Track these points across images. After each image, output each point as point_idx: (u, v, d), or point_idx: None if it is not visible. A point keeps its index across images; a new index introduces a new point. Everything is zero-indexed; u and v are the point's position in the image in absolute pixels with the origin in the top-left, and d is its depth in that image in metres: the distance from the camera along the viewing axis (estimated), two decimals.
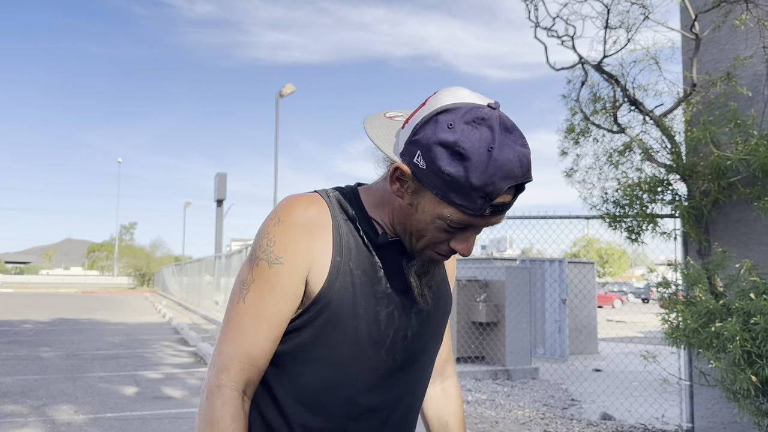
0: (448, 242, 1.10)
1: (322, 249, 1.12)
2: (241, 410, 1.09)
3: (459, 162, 1.01)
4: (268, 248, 1.11)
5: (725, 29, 5.71)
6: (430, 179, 1.04)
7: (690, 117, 5.76)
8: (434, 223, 1.07)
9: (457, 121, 1.02)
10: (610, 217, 5.97)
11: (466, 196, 1.02)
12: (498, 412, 6.48)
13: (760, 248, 5.33)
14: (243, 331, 1.11)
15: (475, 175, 1.00)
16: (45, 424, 5.74)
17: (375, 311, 1.14)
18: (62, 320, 17.79)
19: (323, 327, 1.12)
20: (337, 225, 1.14)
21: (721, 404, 5.42)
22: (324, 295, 1.11)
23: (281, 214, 1.12)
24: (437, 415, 1.41)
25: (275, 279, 1.10)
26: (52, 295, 38.20)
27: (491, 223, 1.07)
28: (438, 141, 1.02)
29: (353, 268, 1.13)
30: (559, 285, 12.21)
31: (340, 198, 1.19)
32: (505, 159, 1.00)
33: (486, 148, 1.00)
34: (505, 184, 1.01)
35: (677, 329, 4.51)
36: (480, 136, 1.01)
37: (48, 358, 10.02)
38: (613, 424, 6.11)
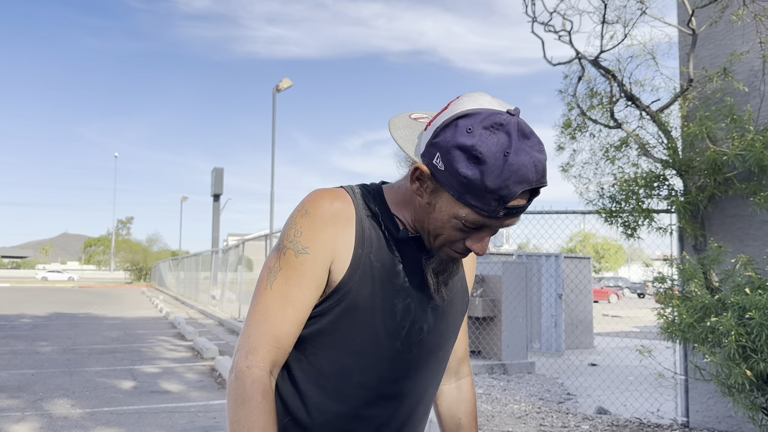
0: (463, 241, 1.15)
1: (346, 241, 1.17)
2: (270, 388, 1.15)
3: (475, 165, 1.05)
4: (295, 238, 1.16)
5: (722, 24, 5.71)
6: (448, 180, 1.09)
7: (686, 112, 5.77)
8: (450, 223, 1.12)
9: (476, 125, 1.07)
10: (606, 212, 5.98)
11: (480, 198, 1.06)
12: (494, 406, 6.50)
13: (755, 243, 5.35)
14: (270, 316, 1.16)
15: (491, 178, 1.04)
16: (42, 419, 5.74)
17: (392, 303, 1.19)
18: (59, 315, 17.78)
19: (342, 315, 1.17)
20: (360, 219, 1.20)
21: (716, 398, 5.45)
22: (345, 284, 1.16)
23: (308, 207, 1.18)
24: (450, 413, 1.46)
25: (301, 267, 1.16)
26: (48, 289, 38.15)
27: (505, 225, 1.12)
28: (456, 144, 1.07)
29: (373, 261, 1.19)
30: (555, 280, 12.23)
31: (364, 194, 1.24)
32: (521, 164, 1.04)
33: (502, 153, 1.04)
34: (519, 189, 1.05)
35: (673, 324, 4.53)
36: (497, 141, 1.05)
37: (45, 352, 10.01)
38: (608, 418, 6.13)
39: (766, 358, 3.81)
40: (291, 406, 1.20)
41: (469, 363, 1.51)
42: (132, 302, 25.67)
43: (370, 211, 1.22)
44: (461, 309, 1.34)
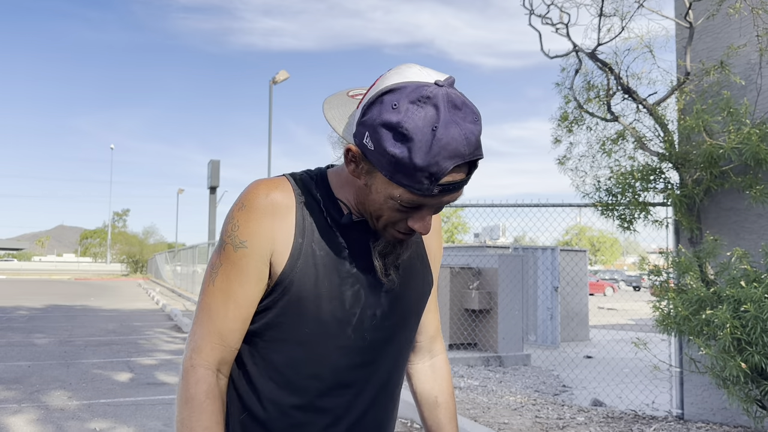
0: (405, 221, 1.11)
1: (285, 231, 1.15)
2: (215, 387, 1.14)
3: (402, 143, 1.00)
4: (233, 233, 1.14)
5: (719, 18, 5.71)
6: (378, 160, 1.04)
7: (683, 105, 5.77)
8: (387, 204, 1.08)
9: (401, 100, 1.01)
10: (602, 205, 5.99)
11: (411, 176, 1.01)
12: (490, 398, 6.53)
13: (751, 236, 5.37)
14: (213, 313, 1.15)
15: (419, 155, 0.99)
16: (38, 410, 5.75)
17: (340, 291, 1.16)
18: (55, 307, 17.76)
19: (287, 307, 1.15)
20: (300, 207, 1.17)
21: (711, 391, 5.48)
22: (286, 276, 1.14)
23: (245, 200, 1.15)
24: (426, 392, 1.43)
25: (240, 262, 1.13)
26: (45, 281, 38.10)
27: (445, 203, 1.07)
28: (382, 122, 1.02)
29: (316, 249, 1.15)
30: (551, 273, 12.26)
31: (306, 180, 1.21)
32: (450, 138, 0.99)
33: (430, 128, 0.99)
34: (450, 164, 1.00)
35: (668, 316, 4.55)
36: (424, 116, 0.99)
37: (41, 344, 10.01)
38: (603, 410, 6.16)
39: (760, 351, 3.83)
40: (247, 402, 1.19)
41: (442, 340, 1.48)
42: (128, 294, 25.66)
43: (312, 198, 1.19)
44: (423, 290, 1.30)
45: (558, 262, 12.27)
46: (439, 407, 1.42)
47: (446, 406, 1.43)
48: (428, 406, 1.43)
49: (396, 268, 1.21)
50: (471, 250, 12.75)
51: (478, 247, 13.21)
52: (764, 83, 5.37)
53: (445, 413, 1.42)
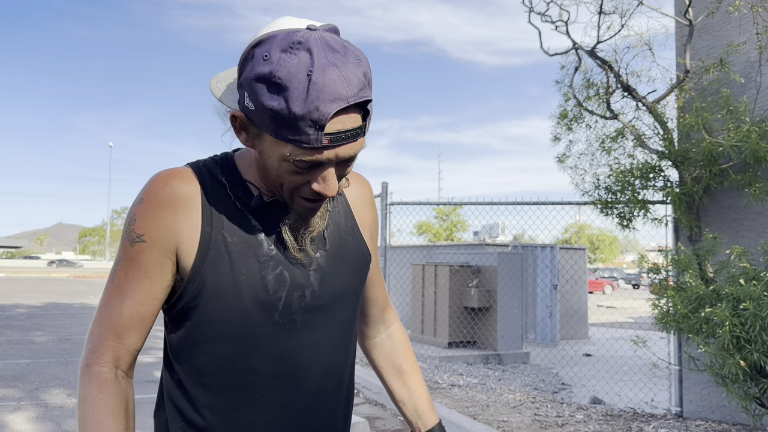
0: (309, 184, 1.03)
1: (190, 223, 1.08)
2: (110, 382, 1.07)
3: (278, 94, 0.93)
4: (130, 227, 1.08)
5: (719, 15, 5.70)
6: (260, 119, 0.97)
7: (683, 103, 5.77)
8: (282, 167, 1.01)
9: (272, 50, 0.95)
10: (601, 203, 5.99)
11: (294, 128, 0.94)
12: (489, 395, 6.53)
13: (750, 234, 5.37)
14: (110, 311, 1.09)
15: (297, 103, 0.92)
16: (38, 408, 5.75)
17: (260, 276, 1.08)
18: (54, 304, 17.76)
19: (205, 303, 1.08)
20: (206, 196, 1.10)
21: (710, 388, 5.48)
22: (197, 269, 1.07)
23: (143, 193, 1.09)
24: (390, 362, 1.40)
25: (138, 257, 1.07)
26: (43, 279, 38.08)
27: (344, 157, 1.00)
28: (255, 76, 0.95)
29: (226, 237, 1.08)
30: (550, 271, 12.27)
31: (211, 166, 1.14)
32: (328, 80, 0.93)
33: (305, 73, 0.93)
34: (332, 107, 0.93)
35: (667, 314, 4.55)
36: (298, 62, 0.93)
37: (40, 342, 10.01)
38: (602, 408, 6.17)
39: (759, 349, 3.83)
40: (184, 411, 1.12)
41: (392, 308, 1.45)
42: None
43: (218, 184, 1.11)
44: (358, 264, 1.22)
45: (557, 260, 12.28)
46: (405, 374, 1.39)
47: (413, 372, 1.39)
48: (395, 375, 1.39)
49: (313, 241, 1.13)
50: (470, 248, 12.76)
51: (478, 245, 13.21)
52: (764, 81, 5.37)
53: (413, 378, 1.39)
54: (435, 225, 43.20)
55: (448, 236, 42.41)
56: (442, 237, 42.11)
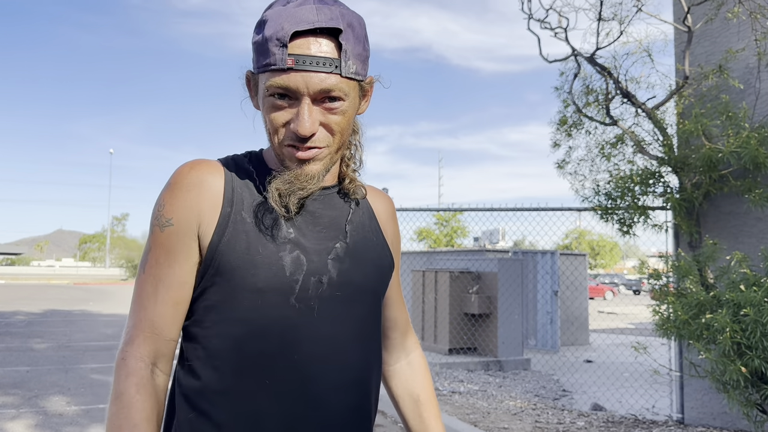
0: (288, 126, 1.04)
1: (213, 204, 1.09)
2: (147, 382, 1.05)
3: (261, 27, 1.03)
4: (159, 213, 1.09)
5: (718, 22, 5.72)
6: (253, 59, 1.06)
7: (682, 109, 5.78)
8: (266, 102, 1.05)
9: (275, 4, 1.05)
10: (601, 209, 5.99)
11: (266, 52, 1.01)
12: (490, 402, 6.52)
13: (750, 240, 5.37)
14: (144, 301, 1.08)
15: (269, 28, 1.00)
16: (37, 416, 5.73)
17: (277, 257, 1.07)
18: (54, 311, 17.74)
19: (221, 281, 1.07)
20: (230, 180, 1.11)
21: (711, 395, 5.47)
22: (214, 246, 1.07)
23: (170, 179, 1.11)
24: (407, 391, 1.35)
25: (167, 242, 1.08)
26: (43, 286, 38.06)
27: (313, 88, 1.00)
28: (255, 25, 1.06)
29: (245, 217, 1.09)
30: (551, 277, 12.26)
31: (238, 158, 1.17)
32: (299, 9, 1.01)
33: (281, 7, 1.02)
34: (295, 26, 0.99)
35: (668, 321, 4.54)
36: (285, 5, 1.03)
37: (40, 349, 9.99)
38: (603, 414, 6.15)
39: (760, 355, 3.82)
40: (194, 400, 1.08)
41: (414, 335, 1.41)
42: (127, 299, 25.62)
43: (244, 172, 1.14)
44: (381, 264, 1.21)
45: (558, 266, 12.27)
46: (422, 405, 1.34)
47: (429, 403, 1.34)
48: (410, 406, 1.34)
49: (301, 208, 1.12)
50: (470, 254, 12.75)
51: (478, 251, 13.21)
52: (763, 87, 5.38)
53: (429, 411, 1.34)
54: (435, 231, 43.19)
55: (449, 242, 42.40)
56: (442, 243, 42.09)
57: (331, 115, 1.04)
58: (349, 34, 1.03)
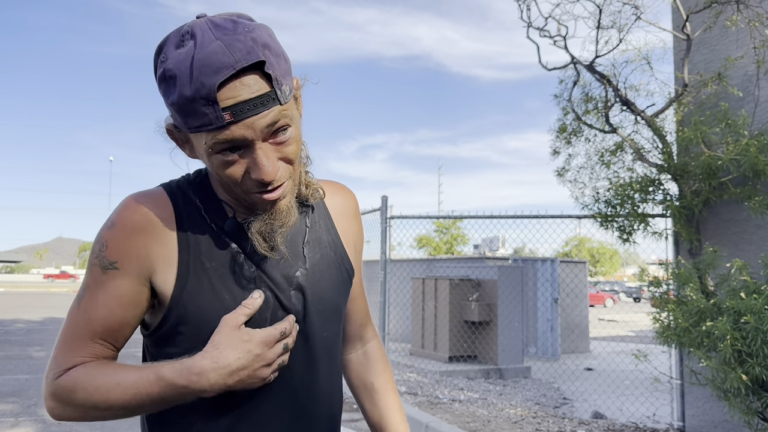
0: (249, 175, 0.97)
1: (165, 249, 1.03)
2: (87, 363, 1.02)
3: (172, 86, 0.91)
4: (101, 253, 1.02)
5: (716, 30, 5.74)
6: (175, 119, 0.96)
7: (681, 117, 5.79)
8: (213, 162, 0.96)
9: (168, 51, 0.94)
10: (601, 216, 5.99)
11: (194, 113, 0.91)
12: (490, 410, 6.50)
13: (750, 248, 5.37)
14: (77, 337, 1.02)
15: (185, 87, 0.89)
16: (36, 424, 5.71)
17: (243, 297, 1.04)
18: (53, 319, 17.70)
19: (190, 329, 1.03)
20: (180, 220, 1.04)
21: (712, 403, 5.45)
22: (177, 298, 1.02)
23: (114, 217, 1.03)
24: (361, 380, 1.34)
25: (109, 283, 1.01)
26: (43, 294, 38.00)
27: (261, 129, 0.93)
28: (159, 77, 0.94)
29: (205, 262, 1.04)
30: (551, 284, 12.24)
31: (184, 187, 1.09)
32: (208, 54, 0.89)
33: (190, 58, 0.90)
34: (217, 78, 0.88)
35: (668, 328, 4.53)
36: (186, 51, 0.91)
37: (39, 357, 9.96)
38: (604, 422, 6.13)
39: (761, 363, 3.82)
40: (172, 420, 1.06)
41: (372, 326, 1.39)
42: None
43: (192, 206, 1.06)
44: (340, 280, 1.18)
45: (558, 273, 12.26)
46: (376, 393, 1.31)
47: (384, 392, 1.31)
48: (366, 394, 1.32)
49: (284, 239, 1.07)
50: (470, 261, 12.74)
51: (478, 258, 13.19)
52: (762, 95, 5.39)
53: (385, 399, 1.31)
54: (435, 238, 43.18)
55: (448, 250, 42.38)
56: (442, 250, 42.08)
57: (284, 147, 0.98)
58: (270, 59, 0.93)
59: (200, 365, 0.96)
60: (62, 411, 1.01)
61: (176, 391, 0.97)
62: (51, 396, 1.01)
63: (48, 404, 1.02)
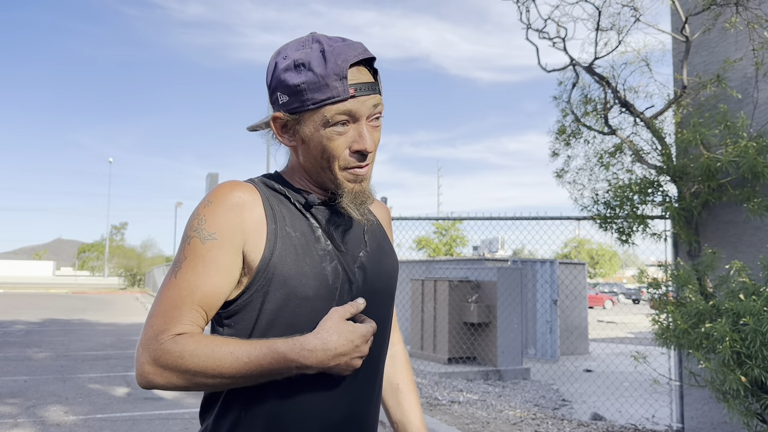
0: (349, 151, 1.18)
1: (256, 221, 1.16)
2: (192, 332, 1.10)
3: (303, 70, 1.14)
4: (200, 226, 1.13)
5: (715, 32, 5.74)
6: (295, 101, 1.15)
7: (680, 119, 5.79)
8: (326, 134, 1.16)
9: (288, 51, 1.18)
10: (600, 218, 5.99)
11: (324, 87, 1.13)
12: (489, 412, 6.49)
13: (749, 249, 5.37)
14: (179, 305, 1.10)
15: (320, 67, 1.13)
16: (35, 425, 5.71)
17: (321, 267, 1.18)
18: (52, 321, 17.69)
19: (274, 291, 1.14)
20: (267, 199, 1.20)
21: (711, 404, 5.45)
22: (266, 260, 1.14)
23: (210, 197, 1.16)
24: (388, 380, 1.46)
25: (209, 254, 1.12)
26: (42, 295, 37.97)
27: (370, 107, 1.17)
28: (282, 69, 1.16)
29: (291, 231, 1.18)
30: (550, 286, 12.24)
31: (265, 180, 1.26)
32: (337, 48, 1.14)
33: (319, 51, 1.14)
34: (347, 61, 1.13)
35: (667, 330, 4.54)
36: (311, 48, 1.16)
37: (38, 358, 9.96)
38: (603, 424, 6.13)
39: (760, 364, 3.82)
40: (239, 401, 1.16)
41: (398, 331, 1.52)
42: (126, 308, 25.57)
43: (276, 191, 1.23)
44: (393, 267, 1.35)
45: (557, 275, 12.26)
46: (401, 393, 1.44)
47: (409, 392, 1.45)
48: (391, 394, 1.45)
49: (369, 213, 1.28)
50: (470, 263, 12.74)
51: (477, 260, 13.20)
52: (760, 96, 5.40)
53: (409, 399, 1.44)
54: (434, 240, 43.17)
55: (448, 251, 42.36)
56: (441, 252, 42.07)
57: (375, 132, 1.20)
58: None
59: (313, 343, 1.09)
60: (160, 376, 1.07)
61: (284, 364, 1.08)
62: (152, 361, 1.07)
63: (145, 370, 1.07)
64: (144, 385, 1.09)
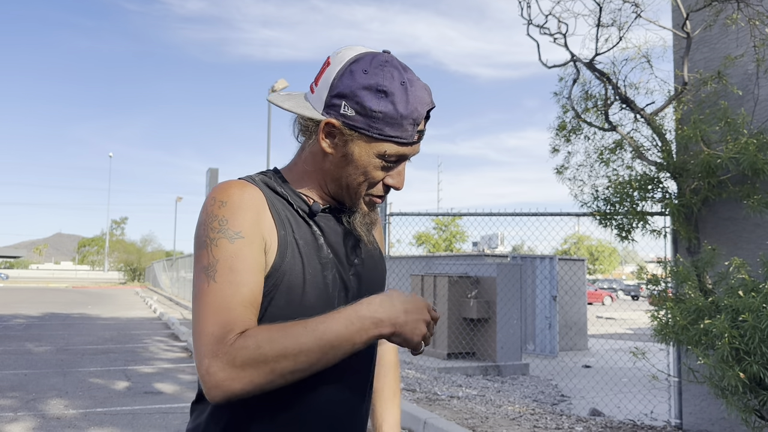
0: (381, 182, 1.21)
1: (268, 225, 1.15)
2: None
3: (385, 99, 1.13)
4: (222, 227, 1.09)
5: (716, 28, 5.74)
6: (362, 122, 1.14)
7: (681, 115, 5.79)
8: (372, 163, 1.17)
9: (368, 66, 1.15)
10: (600, 214, 6.00)
11: (399, 126, 1.14)
12: (488, 407, 6.51)
13: (748, 246, 5.38)
14: (226, 307, 1.04)
15: (401, 105, 1.14)
16: (35, 419, 5.72)
17: (322, 276, 1.20)
18: (53, 315, 17.71)
19: (280, 297, 1.15)
20: (271, 203, 1.18)
21: (710, 401, 5.47)
22: (278, 266, 1.14)
23: (221, 197, 1.12)
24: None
25: (241, 252, 1.08)
26: (42, 289, 37.99)
27: (416, 151, 1.21)
28: (361, 86, 1.14)
29: (297, 239, 1.19)
30: (549, 282, 12.26)
31: (266, 180, 1.23)
32: (418, 89, 1.16)
33: (400, 83, 1.14)
34: (425, 109, 1.17)
35: (666, 326, 4.54)
36: (392, 75, 1.15)
37: (38, 352, 9.97)
38: (602, 419, 6.14)
39: (759, 361, 3.83)
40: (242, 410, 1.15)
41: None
42: (126, 302, 25.59)
43: (278, 194, 1.21)
44: (382, 272, 1.38)
45: (556, 271, 12.27)
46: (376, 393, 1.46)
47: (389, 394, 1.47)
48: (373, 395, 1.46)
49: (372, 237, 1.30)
50: (469, 258, 12.75)
51: (477, 255, 13.21)
52: (761, 93, 5.40)
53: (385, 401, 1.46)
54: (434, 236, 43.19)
55: (448, 247, 42.39)
56: (441, 248, 42.09)
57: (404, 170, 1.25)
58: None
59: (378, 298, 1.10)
60: (239, 380, 1.00)
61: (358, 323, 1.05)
62: (229, 365, 0.99)
63: (219, 379, 0.99)
64: (221, 398, 1.00)
